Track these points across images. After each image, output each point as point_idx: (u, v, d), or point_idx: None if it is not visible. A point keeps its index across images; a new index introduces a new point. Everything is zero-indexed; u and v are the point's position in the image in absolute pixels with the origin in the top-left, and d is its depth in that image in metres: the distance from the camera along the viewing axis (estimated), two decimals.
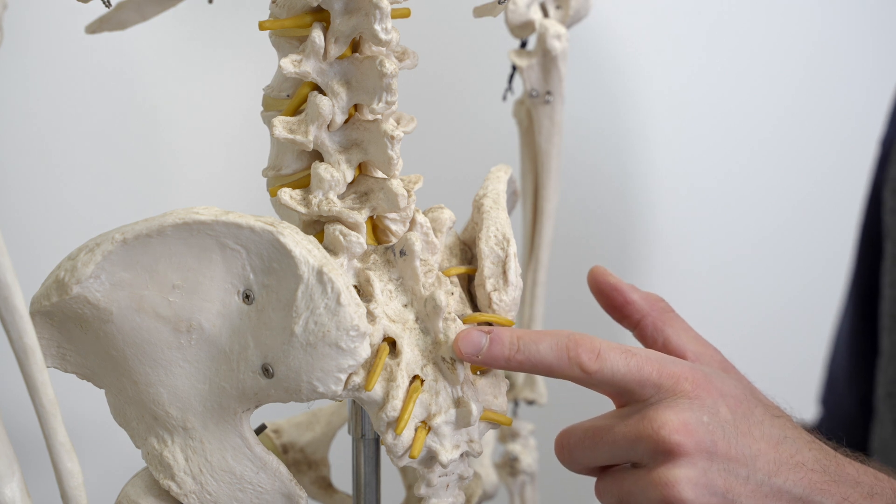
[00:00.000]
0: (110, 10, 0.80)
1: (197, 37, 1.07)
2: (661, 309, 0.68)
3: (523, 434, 0.98)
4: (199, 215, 0.55)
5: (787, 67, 1.30)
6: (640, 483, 0.59)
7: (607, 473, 0.62)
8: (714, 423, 0.59)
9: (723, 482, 0.59)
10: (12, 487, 0.53)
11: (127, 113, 1.08)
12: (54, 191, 1.06)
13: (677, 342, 0.66)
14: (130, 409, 0.60)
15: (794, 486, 0.60)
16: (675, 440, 0.58)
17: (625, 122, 1.26)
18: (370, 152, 0.61)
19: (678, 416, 0.58)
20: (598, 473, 0.63)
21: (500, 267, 0.64)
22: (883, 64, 1.33)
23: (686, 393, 0.59)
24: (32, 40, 1.02)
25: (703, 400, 0.59)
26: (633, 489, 0.60)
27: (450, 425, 0.60)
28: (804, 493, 0.60)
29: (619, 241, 1.28)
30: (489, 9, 0.68)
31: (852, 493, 0.60)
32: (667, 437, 0.58)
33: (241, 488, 0.60)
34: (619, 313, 0.68)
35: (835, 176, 1.35)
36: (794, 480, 0.60)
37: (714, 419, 0.59)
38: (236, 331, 0.58)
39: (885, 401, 1.02)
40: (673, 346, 0.66)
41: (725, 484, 0.59)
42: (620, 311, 0.68)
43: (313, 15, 0.59)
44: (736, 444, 0.59)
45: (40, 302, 0.57)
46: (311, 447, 0.80)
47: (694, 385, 0.60)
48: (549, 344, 0.60)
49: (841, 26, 1.31)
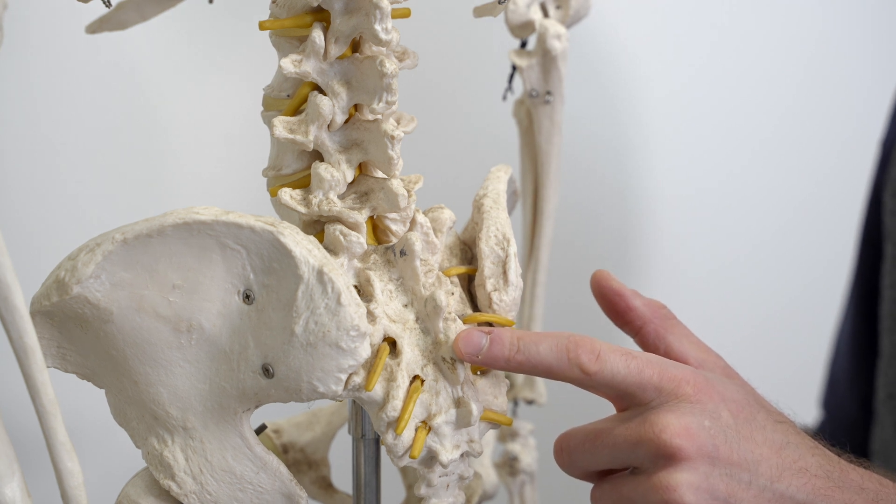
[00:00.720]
0: (110, 10, 0.80)
1: (197, 37, 1.07)
2: (664, 316, 0.67)
3: (523, 434, 0.98)
4: (200, 215, 0.55)
5: (788, 68, 1.30)
6: (640, 488, 0.58)
7: (605, 480, 0.61)
8: (716, 428, 0.58)
9: (725, 487, 0.58)
10: (12, 487, 0.53)
11: (127, 113, 1.08)
12: (54, 191, 1.06)
13: (679, 349, 0.65)
14: (131, 409, 0.60)
15: (797, 492, 0.59)
16: (676, 444, 0.57)
17: (625, 123, 1.26)
18: (370, 152, 0.61)
19: (680, 420, 0.58)
20: (595, 479, 0.62)
21: (500, 267, 0.64)
22: (883, 65, 1.33)
23: (688, 397, 0.59)
24: (32, 40, 1.02)
25: (705, 404, 0.59)
26: (632, 495, 0.59)
27: (450, 425, 0.60)
28: (807, 498, 0.59)
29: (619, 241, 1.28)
30: (489, 9, 0.68)
31: (856, 499, 0.60)
32: (668, 440, 0.57)
33: (241, 488, 0.60)
34: (621, 319, 0.68)
35: (835, 177, 1.35)
36: (797, 486, 0.59)
37: (716, 423, 0.59)
38: (236, 331, 0.58)
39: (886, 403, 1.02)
40: (675, 353, 0.65)
41: (727, 489, 0.58)
42: (622, 317, 0.68)
43: (313, 15, 0.59)
44: (738, 449, 0.59)
45: (40, 302, 0.57)
46: (311, 447, 0.80)
47: (696, 389, 0.59)
48: (550, 345, 0.59)
49: (841, 27, 1.31)
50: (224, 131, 1.10)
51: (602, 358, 0.59)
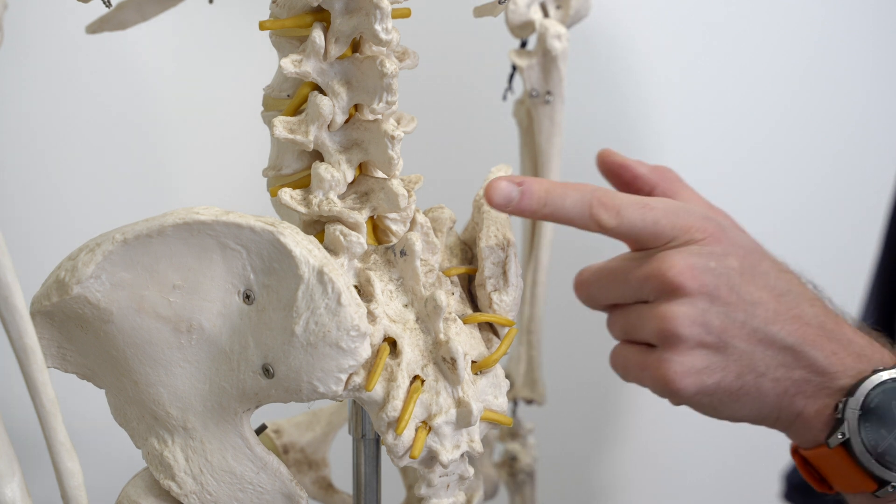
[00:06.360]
0: (111, 10, 0.80)
1: (197, 37, 1.07)
2: (671, 179, 0.72)
3: (523, 434, 0.98)
4: (200, 215, 0.55)
5: (789, 69, 1.30)
6: (643, 315, 0.64)
7: (617, 309, 0.67)
8: (720, 269, 0.63)
9: (719, 323, 0.63)
10: (12, 487, 0.53)
11: (127, 113, 1.08)
12: (55, 191, 1.06)
13: None
14: (131, 409, 0.60)
15: (787, 336, 0.64)
16: (678, 280, 0.62)
17: (625, 122, 1.26)
18: (370, 152, 0.61)
19: (685, 260, 0.63)
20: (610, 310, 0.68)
21: (500, 267, 0.64)
22: (888, 68, 1.33)
23: (697, 241, 0.64)
24: (32, 40, 1.02)
25: (713, 248, 0.64)
26: (636, 322, 0.65)
27: (450, 425, 0.60)
28: (795, 342, 0.64)
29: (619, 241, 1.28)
30: (489, 9, 0.68)
31: (841, 351, 0.64)
32: (672, 277, 0.62)
33: (241, 488, 0.60)
34: (630, 188, 0.72)
35: (836, 178, 1.34)
36: (788, 331, 0.64)
37: (721, 265, 0.63)
38: (237, 331, 0.58)
39: None
40: None
41: (721, 325, 0.63)
42: (631, 186, 0.72)
43: (314, 15, 0.59)
44: (739, 291, 0.63)
45: (41, 302, 0.57)
46: (311, 447, 0.80)
47: (705, 234, 0.64)
48: (574, 200, 0.64)
49: (842, 28, 1.31)
50: (224, 131, 1.10)
51: (621, 213, 0.64)
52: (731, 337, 0.63)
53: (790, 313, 0.64)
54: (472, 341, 0.62)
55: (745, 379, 0.64)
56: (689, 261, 0.63)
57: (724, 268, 0.63)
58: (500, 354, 0.62)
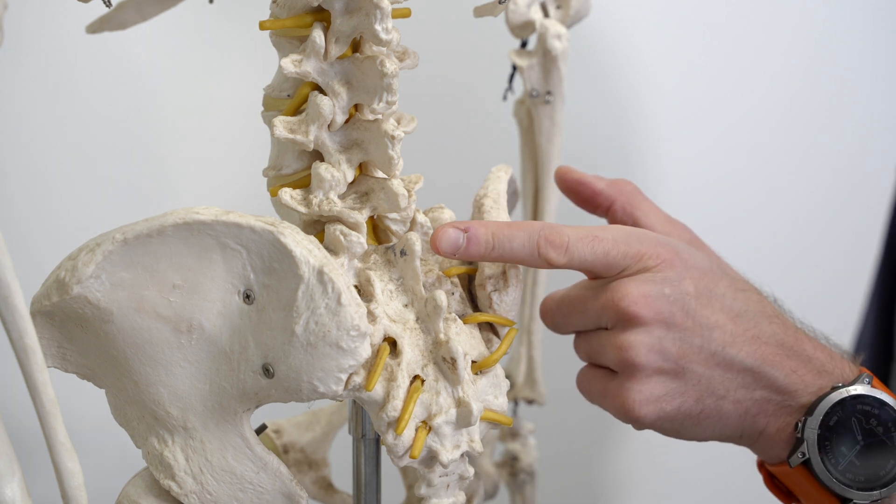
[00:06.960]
0: (111, 10, 0.80)
1: (197, 37, 1.07)
2: (629, 192, 0.72)
3: (523, 434, 0.98)
4: (200, 215, 0.55)
5: (789, 69, 1.30)
6: (603, 342, 0.65)
7: (581, 334, 0.68)
8: (675, 295, 0.63)
9: (676, 350, 0.63)
10: (12, 487, 0.53)
11: (127, 113, 1.08)
12: (54, 191, 1.06)
13: (646, 223, 0.70)
14: (131, 409, 0.60)
15: (745, 358, 0.64)
16: (633, 310, 0.62)
17: (625, 122, 1.26)
18: (371, 152, 0.61)
19: (638, 289, 0.63)
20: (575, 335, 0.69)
21: (500, 267, 0.64)
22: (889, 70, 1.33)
23: (650, 268, 0.64)
24: (32, 40, 1.02)
25: (667, 273, 0.64)
26: (598, 348, 0.65)
27: (450, 425, 0.60)
28: (754, 364, 0.64)
29: None
30: (489, 9, 0.68)
31: (801, 368, 0.64)
32: (626, 307, 0.63)
33: (241, 488, 0.60)
34: (590, 205, 0.73)
35: (838, 178, 1.34)
36: (746, 352, 0.64)
37: (675, 291, 0.63)
38: (237, 331, 0.58)
39: None
40: (643, 226, 0.70)
41: (679, 351, 0.63)
42: (591, 203, 0.72)
43: (314, 15, 0.59)
44: (694, 315, 0.63)
45: (41, 302, 0.57)
46: (311, 447, 0.80)
47: (658, 260, 0.64)
48: (522, 241, 0.63)
49: (842, 29, 1.31)
50: (224, 131, 1.10)
51: (570, 250, 0.63)
52: (688, 362, 0.63)
53: (748, 334, 0.64)
54: (472, 341, 0.62)
55: (706, 403, 0.64)
56: (643, 289, 0.63)
57: (678, 293, 0.63)
58: (501, 354, 0.62)
